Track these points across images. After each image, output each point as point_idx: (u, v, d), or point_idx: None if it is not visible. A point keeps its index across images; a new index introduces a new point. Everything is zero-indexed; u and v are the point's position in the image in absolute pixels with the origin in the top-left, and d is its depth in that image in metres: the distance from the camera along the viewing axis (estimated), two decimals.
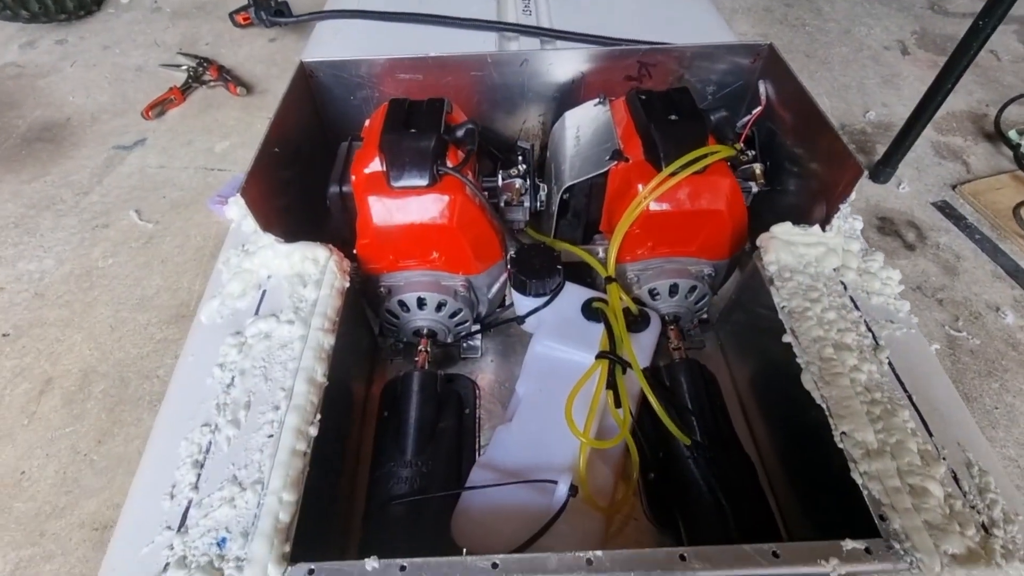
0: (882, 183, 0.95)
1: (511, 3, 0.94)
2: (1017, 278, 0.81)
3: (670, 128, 0.56)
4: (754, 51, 0.67)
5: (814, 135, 0.57)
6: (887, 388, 0.44)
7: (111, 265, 0.82)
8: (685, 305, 0.62)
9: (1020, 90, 1.15)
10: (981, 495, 0.40)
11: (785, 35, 1.31)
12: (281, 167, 0.61)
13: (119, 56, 1.23)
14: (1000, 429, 0.66)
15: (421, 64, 0.67)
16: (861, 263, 0.55)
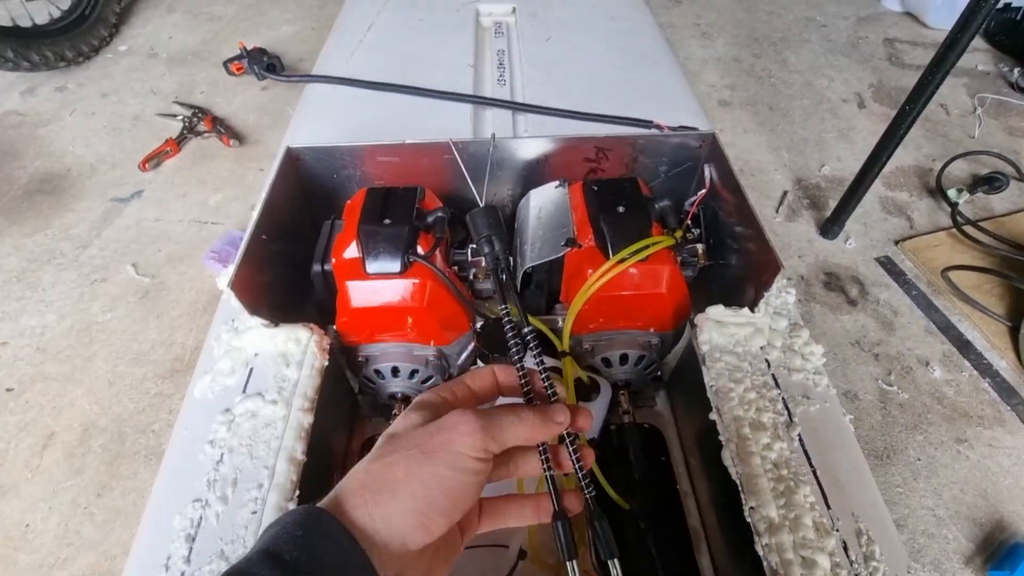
0: (830, 239, 1.02)
1: (488, 72, 1.01)
2: (947, 333, 0.88)
3: (617, 219, 0.63)
4: (700, 137, 0.74)
5: (745, 225, 0.64)
6: (794, 464, 0.51)
7: (109, 320, 0.88)
8: (635, 372, 0.69)
9: (966, 145, 1.24)
10: (866, 562, 0.46)
11: (751, 87, 1.39)
12: (268, 245, 0.67)
13: (117, 104, 1.29)
14: (921, 480, 0.73)
15: (398, 149, 0.73)
16: (787, 340, 0.62)
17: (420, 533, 0.27)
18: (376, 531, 0.26)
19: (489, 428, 0.28)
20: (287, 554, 0.25)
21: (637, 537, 0.55)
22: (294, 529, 0.26)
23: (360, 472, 0.28)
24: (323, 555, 0.25)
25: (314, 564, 0.25)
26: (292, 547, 0.25)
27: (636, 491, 0.58)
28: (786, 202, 1.10)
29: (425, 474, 0.27)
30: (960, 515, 0.71)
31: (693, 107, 0.98)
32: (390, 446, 0.29)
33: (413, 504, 0.26)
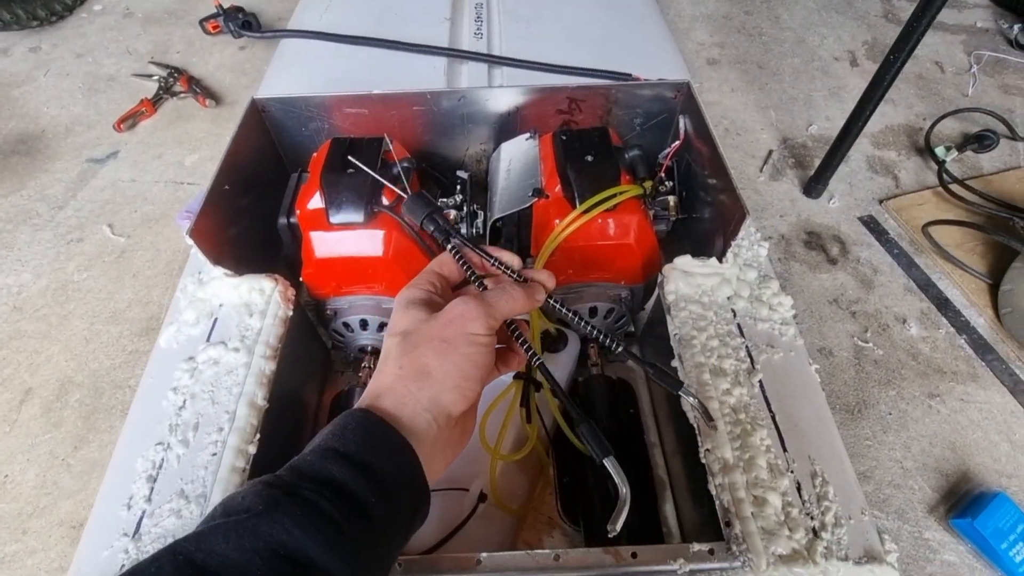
0: (814, 199, 1.01)
1: (465, 25, 0.99)
2: (926, 291, 0.88)
3: (585, 168, 0.62)
4: (675, 87, 0.73)
5: (716, 174, 0.63)
6: (753, 409, 0.51)
7: (85, 279, 0.87)
8: (605, 325, 0.69)
9: (959, 104, 1.21)
10: (819, 503, 0.47)
11: (742, 44, 1.36)
12: (234, 198, 0.66)
13: (92, 65, 1.26)
14: (890, 433, 0.74)
15: (366, 100, 0.72)
16: (755, 290, 0.61)
17: (461, 402, 0.33)
18: (424, 410, 0.32)
19: (490, 310, 0.34)
20: (351, 452, 0.28)
21: (598, 482, 0.56)
22: (348, 432, 0.30)
23: (393, 368, 0.33)
24: (380, 449, 0.29)
25: (374, 458, 0.29)
26: (353, 446, 0.29)
27: None
28: (771, 161, 1.08)
29: (455, 357, 0.33)
30: (927, 467, 0.72)
31: (676, 62, 0.95)
32: (410, 342, 0.34)
33: (451, 382, 0.32)
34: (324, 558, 0.24)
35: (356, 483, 0.27)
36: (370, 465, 0.28)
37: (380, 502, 0.27)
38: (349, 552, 0.25)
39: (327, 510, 0.25)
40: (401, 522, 0.29)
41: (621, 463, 0.59)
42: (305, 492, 0.26)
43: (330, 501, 0.26)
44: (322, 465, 0.28)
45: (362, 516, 0.27)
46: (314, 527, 0.25)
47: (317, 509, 0.25)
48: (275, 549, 0.24)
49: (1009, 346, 0.82)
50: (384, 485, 0.28)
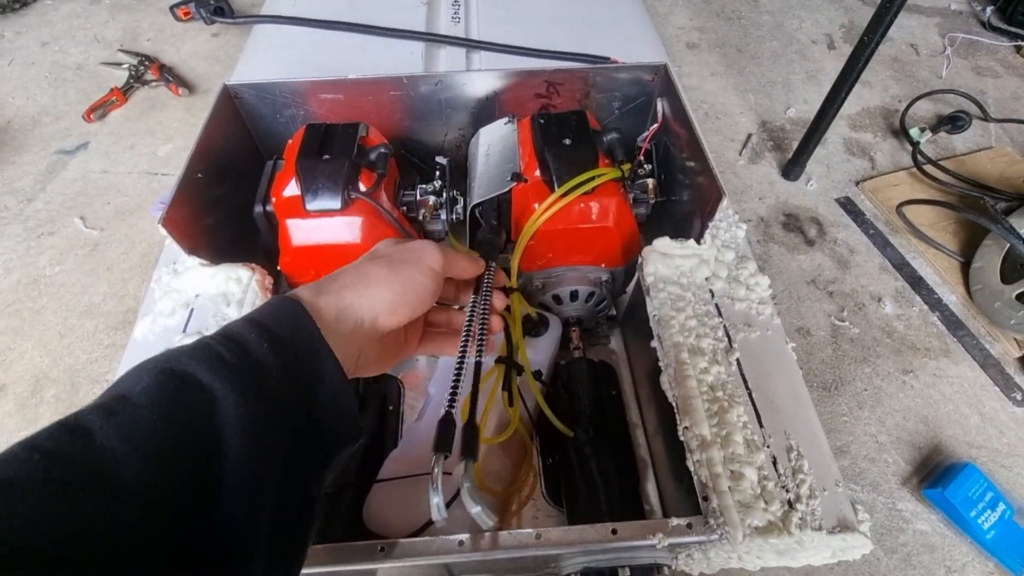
0: (792, 181, 1.02)
1: (442, 10, 0.97)
2: (901, 270, 0.90)
3: (563, 152, 0.61)
4: (653, 70, 0.72)
5: (694, 156, 0.63)
6: (730, 387, 0.52)
7: (58, 273, 0.86)
8: (586, 308, 0.69)
9: (934, 85, 1.23)
10: (794, 476, 0.48)
11: (721, 28, 1.36)
12: (209, 187, 0.65)
13: (58, 53, 1.22)
14: (866, 409, 0.75)
15: (342, 85, 0.71)
16: (733, 271, 0.62)
17: (390, 316, 0.36)
18: (360, 307, 0.34)
19: (447, 255, 0.40)
20: (273, 327, 0.30)
21: (580, 463, 0.56)
22: (278, 312, 0.31)
23: (350, 269, 0.36)
24: (285, 320, 0.31)
25: (278, 326, 0.30)
26: (276, 323, 0.31)
27: (582, 422, 0.60)
28: (750, 145, 1.09)
29: (401, 274, 0.36)
30: (901, 440, 0.73)
31: (655, 45, 0.95)
32: (371, 255, 0.38)
33: (390, 294, 0.35)
34: (209, 378, 0.26)
35: (251, 335, 0.29)
36: (271, 328, 0.30)
37: (274, 355, 0.29)
38: (238, 383, 0.27)
39: (218, 350, 0.28)
40: (297, 385, 0.30)
41: (604, 444, 0.60)
42: (205, 338, 0.29)
43: (223, 345, 0.28)
44: (230, 325, 0.30)
45: (253, 361, 0.28)
46: (203, 357, 0.27)
47: (209, 347, 0.28)
48: (164, 368, 0.26)
49: (979, 322, 0.84)
50: (281, 344, 0.30)
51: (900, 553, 0.65)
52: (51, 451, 0.22)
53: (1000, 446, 0.73)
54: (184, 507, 0.23)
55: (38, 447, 0.22)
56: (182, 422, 0.25)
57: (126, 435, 0.23)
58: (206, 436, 0.25)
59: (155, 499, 0.22)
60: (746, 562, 0.51)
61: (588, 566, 0.47)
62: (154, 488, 0.23)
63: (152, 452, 0.23)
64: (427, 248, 0.38)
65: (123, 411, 0.24)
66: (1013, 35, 1.34)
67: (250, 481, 0.26)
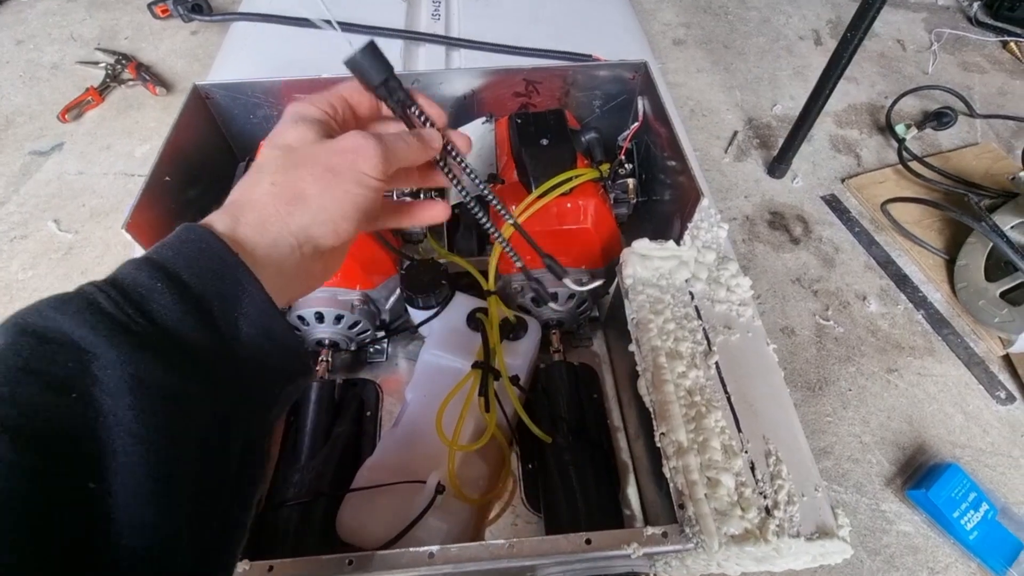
0: (778, 178, 1.01)
1: (423, 6, 0.96)
2: (886, 268, 0.89)
3: (540, 152, 0.60)
4: (633, 68, 0.71)
5: (674, 156, 0.62)
6: (708, 391, 0.51)
7: (31, 278, 0.84)
8: (566, 311, 0.68)
9: (920, 81, 1.22)
10: (772, 481, 0.47)
11: (708, 24, 1.35)
12: (179, 190, 0.63)
13: (33, 52, 1.20)
14: (850, 409, 0.75)
15: (316, 84, 0.69)
16: (713, 272, 0.61)
17: (332, 238, 0.30)
18: (290, 234, 0.29)
19: (387, 153, 0.31)
20: (172, 265, 0.25)
21: (559, 469, 0.56)
22: (181, 247, 0.26)
23: (266, 183, 0.29)
24: (199, 261, 0.25)
25: (201, 276, 0.25)
26: (178, 259, 0.25)
27: (561, 427, 0.59)
28: (736, 142, 1.08)
29: (336, 191, 0.30)
30: (885, 440, 0.73)
31: (639, 42, 0.94)
32: (291, 160, 0.30)
33: (327, 215, 0.29)
34: (81, 332, 0.21)
35: (139, 272, 0.24)
36: (169, 266, 0.25)
37: (177, 305, 0.24)
38: (118, 332, 0.22)
39: (88, 294, 0.23)
40: (210, 329, 0.25)
41: (584, 450, 0.59)
42: (83, 285, 0.23)
43: (97, 288, 0.23)
44: (126, 270, 0.25)
45: (137, 304, 0.23)
46: (65, 306, 0.22)
47: (83, 295, 0.23)
48: (19, 328, 0.21)
49: (964, 320, 0.84)
50: (183, 283, 0.24)
51: (883, 555, 0.64)
52: None
53: (984, 445, 0.73)
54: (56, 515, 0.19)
55: None
56: (44, 393, 0.20)
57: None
58: (80, 409, 0.20)
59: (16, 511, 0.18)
60: (725, 568, 0.50)
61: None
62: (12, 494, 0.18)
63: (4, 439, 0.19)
64: (363, 150, 0.30)
65: None
66: (999, 30, 1.34)
67: (152, 459, 0.21)
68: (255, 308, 0.26)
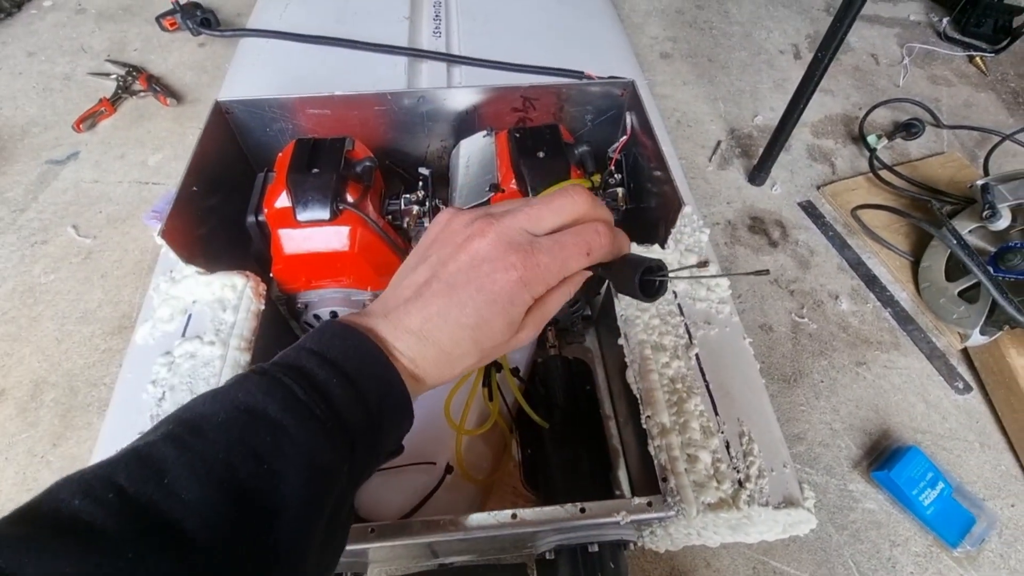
0: (758, 186, 1.08)
1: (424, 24, 1.02)
2: (857, 270, 0.96)
3: (537, 164, 0.66)
4: (622, 86, 0.78)
5: (659, 167, 0.68)
6: (689, 379, 0.57)
7: (52, 281, 0.88)
8: (562, 309, 0.74)
9: (892, 93, 1.30)
10: (745, 458, 0.53)
11: (693, 39, 1.42)
12: (203, 198, 0.68)
13: (45, 63, 1.24)
14: (822, 399, 0.81)
15: (329, 101, 0.75)
16: (695, 273, 0.67)
17: (447, 377, 0.32)
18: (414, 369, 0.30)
19: None
20: (322, 349, 0.29)
21: (556, 452, 0.61)
22: (336, 340, 0.29)
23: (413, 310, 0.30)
24: (349, 350, 0.29)
25: (341, 355, 0.29)
26: (326, 346, 0.29)
27: (557, 414, 0.64)
28: (719, 151, 1.14)
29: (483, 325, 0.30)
30: (853, 427, 0.79)
31: (628, 58, 1.01)
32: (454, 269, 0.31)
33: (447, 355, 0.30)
34: (281, 415, 0.26)
35: (319, 368, 0.28)
36: (335, 360, 0.29)
37: (343, 389, 0.28)
38: (307, 417, 0.27)
39: (287, 383, 0.27)
40: (369, 415, 0.29)
41: (578, 435, 0.65)
42: (271, 371, 0.28)
43: (291, 378, 0.27)
44: (294, 356, 0.29)
45: (322, 395, 0.28)
46: (273, 390, 0.27)
47: (278, 381, 0.27)
48: (236, 404, 0.26)
49: (927, 317, 0.91)
50: (348, 376, 0.28)
51: (850, 529, 0.71)
52: (125, 491, 0.23)
53: (943, 431, 0.80)
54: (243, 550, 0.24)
55: (113, 483, 0.23)
56: (248, 458, 0.25)
57: (197, 471, 0.24)
58: (269, 475, 0.25)
59: (215, 552, 0.23)
60: (704, 538, 0.56)
61: (561, 544, 0.52)
62: (215, 536, 0.23)
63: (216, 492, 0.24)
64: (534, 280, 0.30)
65: (194, 445, 0.25)
66: (966, 45, 1.42)
67: (308, 511, 0.26)
68: (395, 404, 0.30)
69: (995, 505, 0.73)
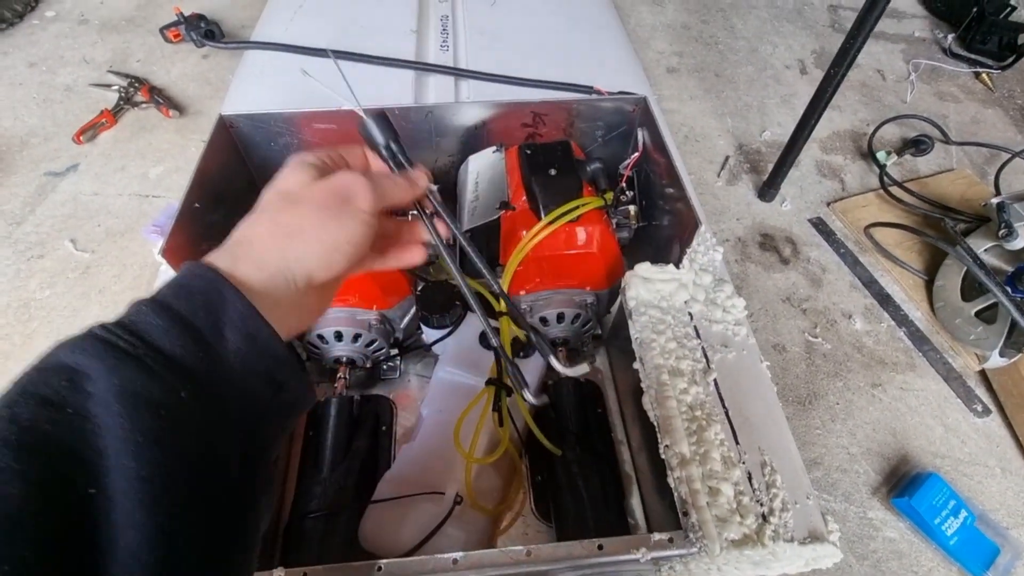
0: (767, 202, 1.06)
1: (431, 37, 1.01)
2: (870, 288, 0.94)
3: (549, 182, 0.65)
4: (634, 102, 0.76)
5: (673, 184, 0.67)
6: (708, 406, 0.55)
7: (48, 296, 0.86)
8: (572, 330, 0.72)
9: (899, 110, 1.29)
10: (768, 490, 0.51)
11: (699, 53, 1.41)
12: (205, 214, 0.67)
13: (46, 74, 1.23)
14: (838, 422, 0.79)
15: (335, 115, 0.73)
16: (710, 294, 0.66)
17: (324, 271, 0.32)
18: (287, 269, 0.31)
19: (377, 190, 0.34)
20: (178, 305, 0.26)
21: (568, 480, 0.59)
22: (188, 285, 0.28)
23: (265, 222, 0.32)
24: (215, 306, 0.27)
25: (208, 312, 0.27)
26: (185, 299, 0.27)
27: (569, 440, 0.62)
28: (727, 167, 1.13)
29: (330, 225, 0.32)
30: (871, 452, 0.77)
31: (636, 73, 0.99)
32: (289, 200, 0.33)
33: (321, 248, 0.32)
34: (74, 357, 0.24)
35: (133, 308, 0.26)
36: (156, 297, 0.27)
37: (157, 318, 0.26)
38: (109, 352, 0.24)
39: (91, 331, 0.25)
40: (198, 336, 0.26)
41: (590, 462, 0.62)
42: (92, 327, 0.26)
43: (101, 326, 0.25)
44: (126, 310, 0.27)
45: (130, 329, 0.25)
46: (69, 341, 0.25)
47: (83, 334, 0.25)
48: (26, 367, 0.24)
49: (942, 337, 0.89)
50: (165, 304, 0.26)
51: (871, 560, 0.68)
52: None
53: (962, 455, 0.78)
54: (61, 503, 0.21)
55: None
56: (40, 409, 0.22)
57: None
58: (75, 422, 0.22)
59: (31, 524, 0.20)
60: (725, 573, 0.53)
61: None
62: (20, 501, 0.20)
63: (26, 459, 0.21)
64: (354, 186, 0.33)
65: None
66: (972, 61, 1.42)
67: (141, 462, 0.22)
68: (238, 314, 0.28)
69: (1020, 534, 0.71)
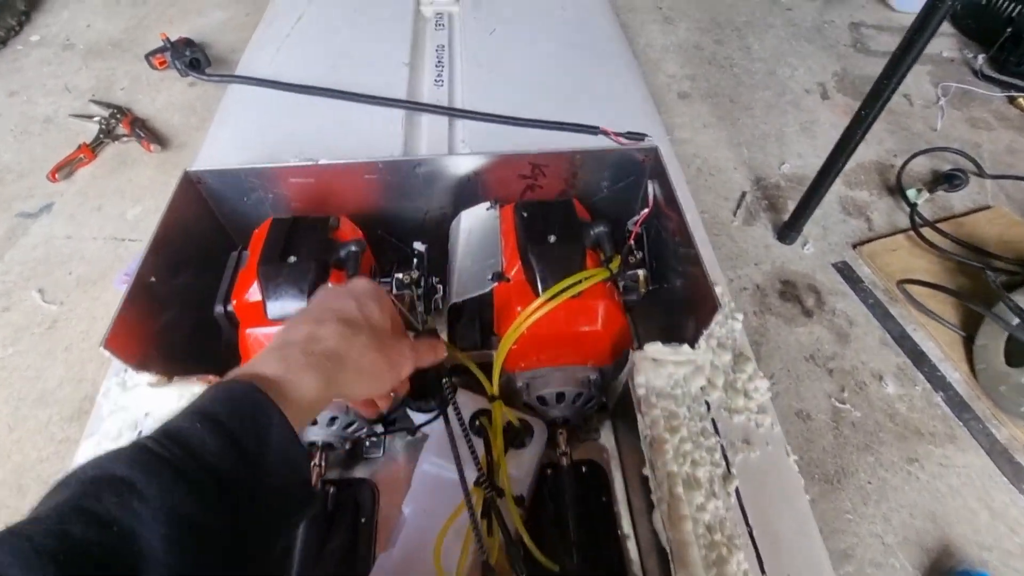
0: (788, 244, 0.99)
1: (426, 71, 0.94)
2: (902, 344, 0.86)
3: (547, 251, 0.57)
4: (643, 152, 0.69)
5: (686, 243, 0.59)
6: (729, 526, 0.48)
7: (11, 355, 0.80)
8: (573, 409, 0.65)
9: (928, 138, 1.21)
10: None
11: (713, 76, 1.34)
12: (165, 282, 0.60)
13: (26, 104, 1.18)
14: (870, 505, 0.71)
15: (312, 170, 0.66)
16: (730, 376, 0.58)
17: (357, 399, 0.42)
18: (331, 391, 0.34)
19: (417, 361, 0.43)
20: (225, 419, 0.28)
21: None
22: (222, 394, 0.29)
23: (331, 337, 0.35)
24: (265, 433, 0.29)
25: (253, 435, 0.28)
26: (231, 415, 0.28)
27: (571, 549, 0.55)
28: (744, 204, 1.06)
29: (383, 377, 0.39)
30: (908, 541, 0.69)
31: (647, 108, 0.92)
32: (355, 331, 0.37)
33: (366, 390, 0.38)
34: (128, 472, 0.25)
35: (184, 419, 0.28)
36: (204, 408, 0.28)
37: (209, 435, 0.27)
38: (160, 468, 0.25)
39: (143, 442, 0.26)
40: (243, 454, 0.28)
41: (592, 559, 0.55)
42: (138, 439, 0.27)
43: (152, 437, 0.27)
44: (174, 421, 0.28)
45: (181, 443, 0.26)
46: (123, 452, 0.26)
47: (135, 444, 0.26)
48: (82, 479, 0.25)
49: (985, 403, 0.81)
50: (217, 420, 0.28)
51: None
52: None
53: (1012, 546, 0.69)
54: None
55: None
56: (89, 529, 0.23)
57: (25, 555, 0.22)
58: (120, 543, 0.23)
59: None
60: None
61: None
62: None
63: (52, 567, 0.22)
64: (409, 358, 0.41)
65: (25, 530, 0.23)
66: (1006, 85, 1.33)
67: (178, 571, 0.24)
68: (280, 439, 0.29)
69: None
